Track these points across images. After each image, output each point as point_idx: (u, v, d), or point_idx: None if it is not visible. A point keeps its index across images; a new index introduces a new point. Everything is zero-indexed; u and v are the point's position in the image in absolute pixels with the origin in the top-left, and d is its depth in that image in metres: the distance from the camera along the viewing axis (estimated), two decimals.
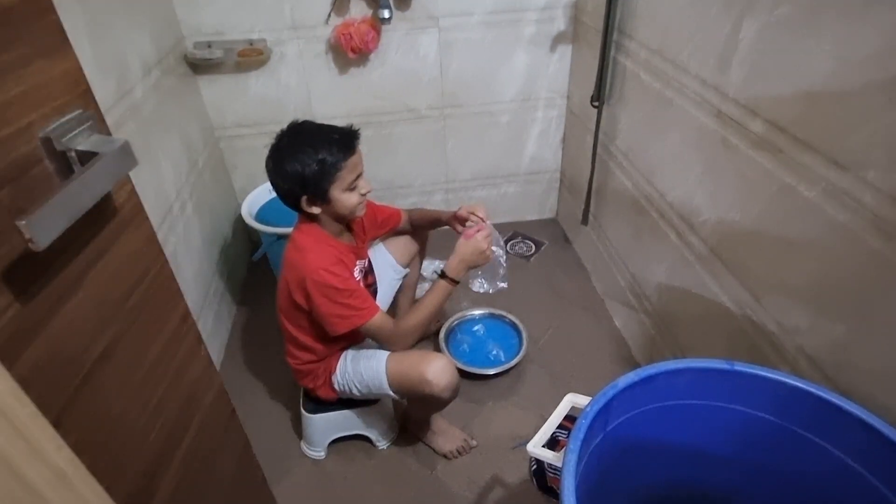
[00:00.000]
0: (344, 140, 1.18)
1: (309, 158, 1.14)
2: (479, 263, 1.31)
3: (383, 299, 1.51)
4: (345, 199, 1.19)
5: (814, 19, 0.87)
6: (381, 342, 1.27)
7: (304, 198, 1.18)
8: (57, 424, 0.43)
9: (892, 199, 0.76)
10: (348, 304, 1.19)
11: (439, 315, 1.25)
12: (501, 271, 1.40)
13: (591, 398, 0.83)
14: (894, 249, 0.76)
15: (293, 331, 1.28)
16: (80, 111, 0.48)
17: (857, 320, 0.85)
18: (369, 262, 1.43)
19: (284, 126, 1.22)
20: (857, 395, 0.83)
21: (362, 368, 1.28)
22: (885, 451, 0.74)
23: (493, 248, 1.33)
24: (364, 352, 1.32)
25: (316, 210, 1.20)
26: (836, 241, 0.87)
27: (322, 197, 1.18)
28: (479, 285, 1.45)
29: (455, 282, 1.28)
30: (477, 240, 1.29)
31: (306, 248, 1.20)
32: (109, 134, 0.51)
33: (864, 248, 0.81)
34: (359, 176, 1.21)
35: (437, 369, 1.21)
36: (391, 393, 1.27)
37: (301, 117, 2.00)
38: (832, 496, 0.83)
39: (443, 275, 1.28)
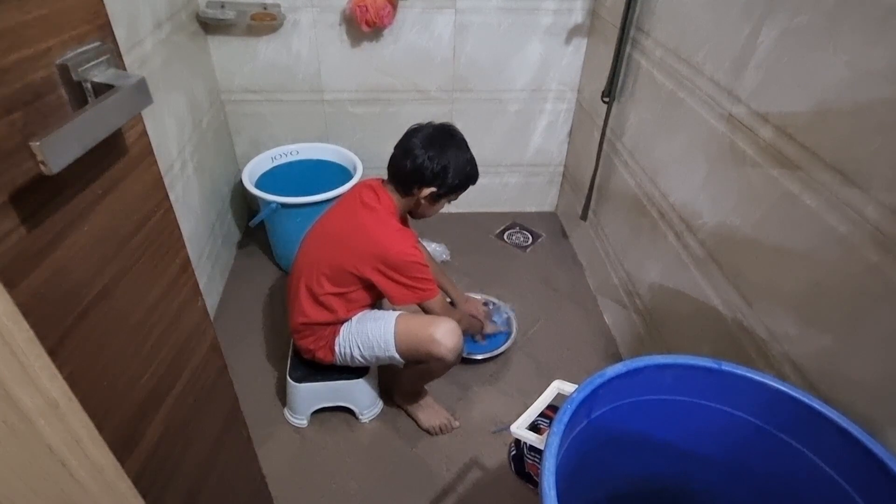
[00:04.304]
0: (478, 169, 1.36)
1: (468, 165, 1.32)
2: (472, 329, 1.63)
3: None
4: (438, 208, 1.36)
5: (832, 29, 0.88)
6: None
7: (431, 189, 1.28)
8: (52, 354, 0.43)
9: (894, 214, 0.77)
10: (425, 278, 1.29)
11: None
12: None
13: (577, 386, 0.84)
14: (891, 264, 0.77)
15: (330, 288, 1.30)
16: (98, 43, 0.47)
17: (847, 331, 0.87)
18: None
19: (292, 91, 1.28)
20: (838, 404, 0.85)
21: (369, 329, 1.31)
22: (861, 459, 0.76)
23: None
24: (373, 312, 1.35)
25: (423, 201, 1.31)
26: (833, 252, 0.88)
27: (440, 196, 1.32)
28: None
29: None
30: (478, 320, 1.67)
31: (391, 224, 1.29)
32: (126, 70, 0.50)
33: (862, 260, 0.82)
34: None
35: (445, 331, 1.25)
36: (395, 353, 1.29)
37: (310, 88, 2.01)
38: (807, 500, 0.85)
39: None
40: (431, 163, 1.25)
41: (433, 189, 1.28)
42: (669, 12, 1.40)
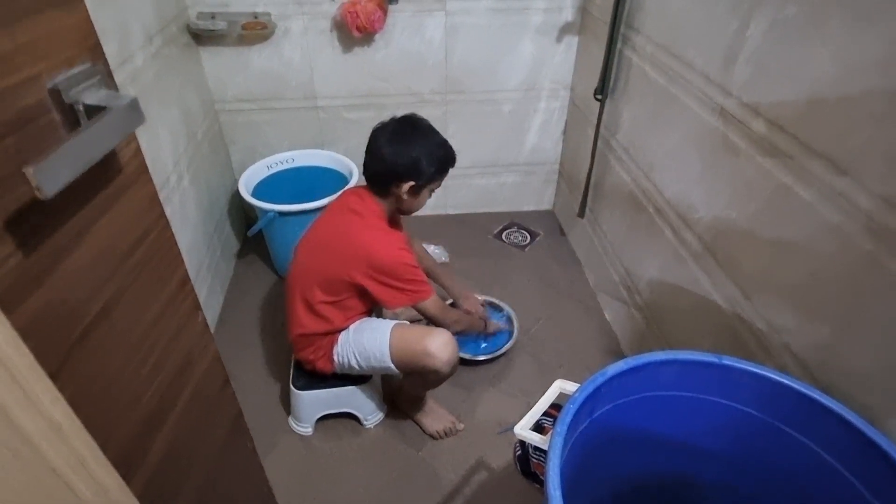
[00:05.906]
0: (453, 150, 1.32)
1: (440, 149, 1.27)
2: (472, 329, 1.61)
3: None
4: (423, 199, 1.32)
5: (821, 21, 0.88)
6: (437, 321, 1.36)
7: (408, 183, 1.24)
8: (54, 377, 0.44)
9: (887, 203, 0.77)
10: (415, 279, 1.27)
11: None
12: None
13: (579, 385, 0.84)
14: (885, 252, 0.78)
15: (323, 297, 1.29)
16: (89, 65, 0.47)
17: (844, 321, 0.87)
18: None
19: (288, 97, 1.27)
20: (838, 394, 0.85)
21: (365, 339, 1.30)
22: (862, 448, 0.76)
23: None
24: (369, 322, 1.35)
25: (405, 196, 1.27)
26: (828, 243, 0.88)
27: (420, 188, 1.27)
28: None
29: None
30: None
31: (379, 227, 1.27)
32: (117, 90, 0.50)
33: (856, 250, 0.82)
34: None
35: (439, 344, 1.24)
36: (391, 364, 1.29)
37: (303, 95, 2.01)
38: (811, 491, 0.85)
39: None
40: (400, 158, 1.23)
41: (411, 183, 1.25)
42: (659, 8, 1.41)
